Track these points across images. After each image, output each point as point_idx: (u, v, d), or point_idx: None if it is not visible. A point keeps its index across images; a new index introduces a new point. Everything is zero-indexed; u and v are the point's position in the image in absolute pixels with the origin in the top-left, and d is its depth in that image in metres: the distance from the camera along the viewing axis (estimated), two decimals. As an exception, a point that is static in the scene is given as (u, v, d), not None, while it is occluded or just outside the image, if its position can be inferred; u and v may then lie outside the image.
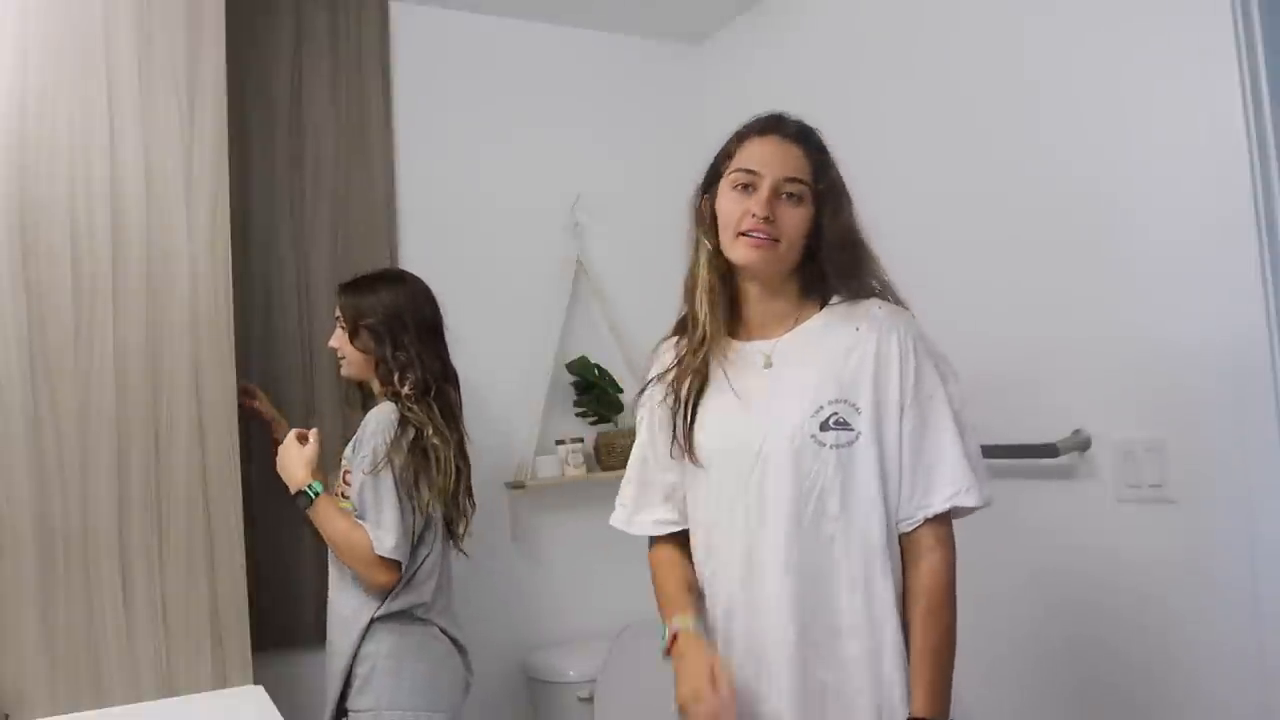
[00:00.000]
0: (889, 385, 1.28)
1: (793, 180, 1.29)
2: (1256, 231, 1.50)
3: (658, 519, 1.43)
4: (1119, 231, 1.71)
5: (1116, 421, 1.72)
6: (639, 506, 1.45)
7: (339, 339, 1.97)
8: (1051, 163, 1.84)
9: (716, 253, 1.34)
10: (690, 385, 1.36)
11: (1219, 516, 1.56)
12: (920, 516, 1.27)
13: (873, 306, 1.32)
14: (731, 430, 1.33)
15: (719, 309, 1.35)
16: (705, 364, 1.36)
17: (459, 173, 2.63)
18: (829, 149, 1.35)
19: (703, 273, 1.37)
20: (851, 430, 1.27)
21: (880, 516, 1.26)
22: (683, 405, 1.36)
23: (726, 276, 1.36)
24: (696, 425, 1.35)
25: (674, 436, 1.37)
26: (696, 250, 1.38)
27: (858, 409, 1.27)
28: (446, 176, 2.61)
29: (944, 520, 1.28)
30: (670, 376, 1.39)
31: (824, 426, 1.27)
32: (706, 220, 1.36)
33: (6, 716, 1.62)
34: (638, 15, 2.78)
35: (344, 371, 2.00)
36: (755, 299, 1.37)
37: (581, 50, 2.84)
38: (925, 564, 1.27)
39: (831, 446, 1.26)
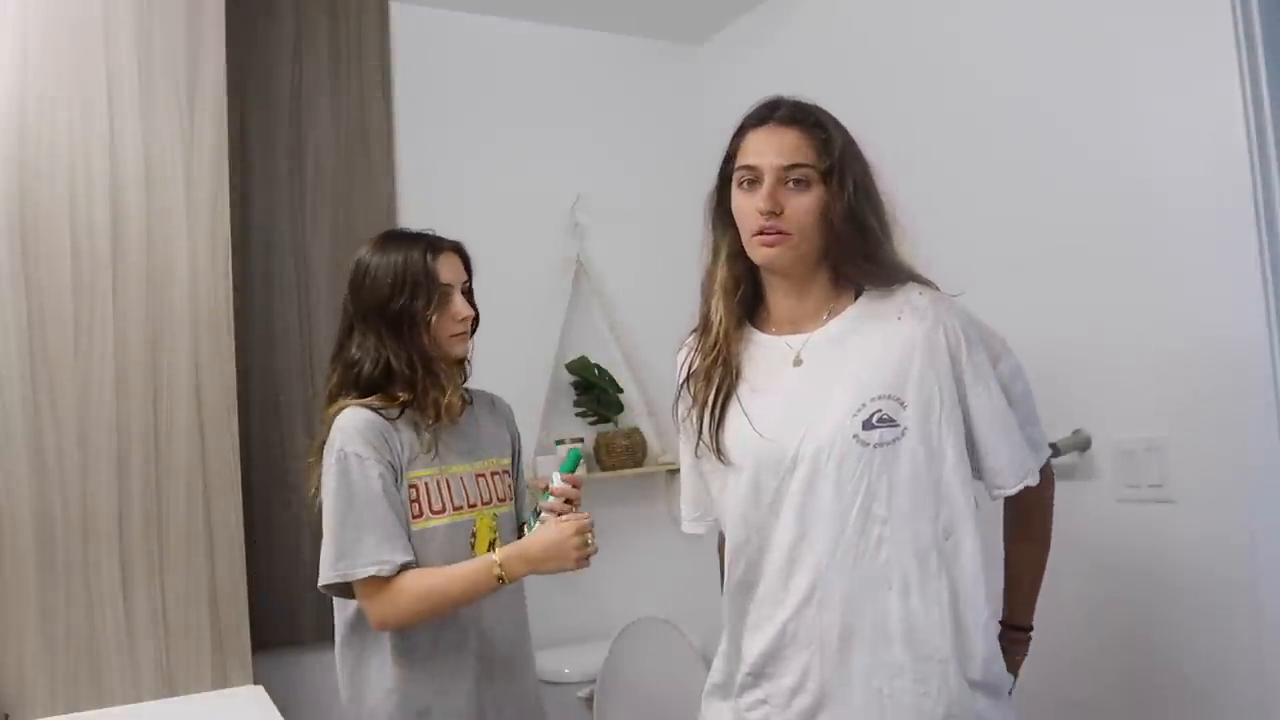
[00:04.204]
0: (942, 378, 1.22)
1: (793, 166, 1.23)
2: (1256, 231, 1.50)
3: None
4: (1118, 232, 1.71)
5: (1116, 421, 1.72)
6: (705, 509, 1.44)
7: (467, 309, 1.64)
8: (1051, 165, 1.84)
9: (736, 252, 1.32)
10: (712, 386, 1.32)
11: (1219, 516, 1.56)
12: (995, 494, 1.29)
13: (912, 293, 1.26)
14: (764, 430, 1.27)
15: (734, 307, 1.33)
16: (726, 363, 1.32)
17: (459, 173, 2.63)
18: (830, 124, 1.28)
19: (720, 272, 1.33)
20: (897, 426, 1.20)
21: (931, 513, 1.21)
22: (708, 406, 1.32)
23: (750, 272, 1.32)
24: (725, 425, 1.31)
25: (699, 435, 1.33)
26: (714, 251, 1.35)
27: (903, 404, 1.21)
28: (446, 176, 2.61)
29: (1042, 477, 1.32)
30: (690, 381, 1.36)
31: (867, 425, 1.21)
32: (723, 221, 1.33)
33: (6, 716, 1.62)
34: (638, 15, 2.78)
35: (467, 350, 1.66)
36: (783, 294, 1.32)
37: (581, 50, 2.84)
38: (1022, 497, 1.31)
39: (875, 446, 1.20)
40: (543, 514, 1.55)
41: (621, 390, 2.71)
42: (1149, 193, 1.66)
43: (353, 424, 1.50)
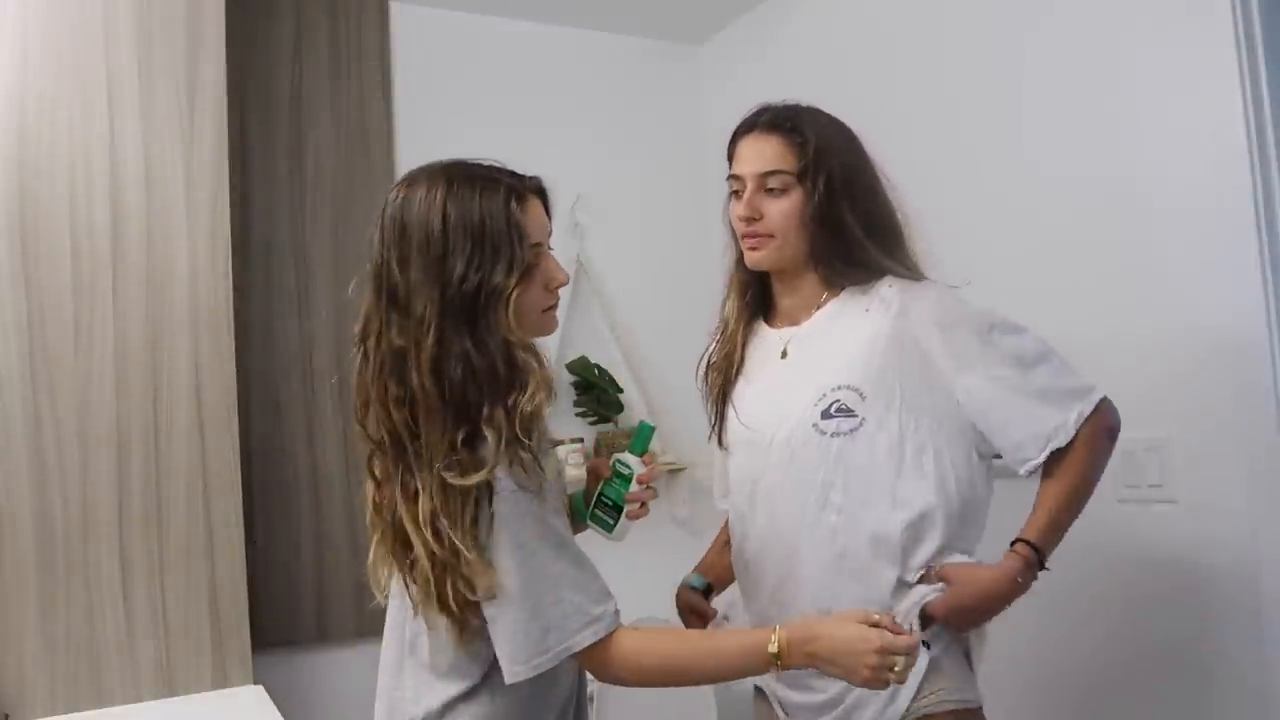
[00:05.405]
0: (906, 369, 1.24)
1: (770, 173, 1.29)
2: (1256, 231, 1.50)
3: None
4: (1119, 232, 1.71)
5: (1116, 421, 1.72)
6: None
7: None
8: (1051, 165, 1.84)
9: (741, 256, 1.39)
10: (721, 377, 1.42)
11: (1219, 516, 1.56)
12: (1024, 470, 1.25)
13: (883, 286, 1.29)
14: (749, 420, 1.36)
15: (744, 306, 1.42)
16: (732, 357, 1.41)
17: (459, 173, 2.63)
18: (809, 127, 1.31)
19: (736, 274, 1.42)
20: (854, 417, 1.24)
21: (889, 504, 1.23)
22: (716, 396, 1.42)
23: (760, 272, 1.40)
24: (726, 414, 1.41)
25: (710, 423, 1.44)
26: (732, 254, 1.43)
27: (862, 395, 1.24)
28: (446, 176, 2.61)
29: (1089, 419, 1.24)
30: (709, 372, 1.46)
31: (825, 415, 1.25)
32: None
33: (6, 716, 1.62)
34: (638, 15, 2.78)
35: (558, 325, 1.28)
36: (781, 291, 1.39)
37: (581, 50, 2.84)
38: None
39: (832, 435, 1.24)
40: (626, 508, 1.27)
41: (621, 390, 2.71)
42: (1149, 192, 1.66)
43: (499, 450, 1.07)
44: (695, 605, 1.44)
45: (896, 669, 1.04)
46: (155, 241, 1.80)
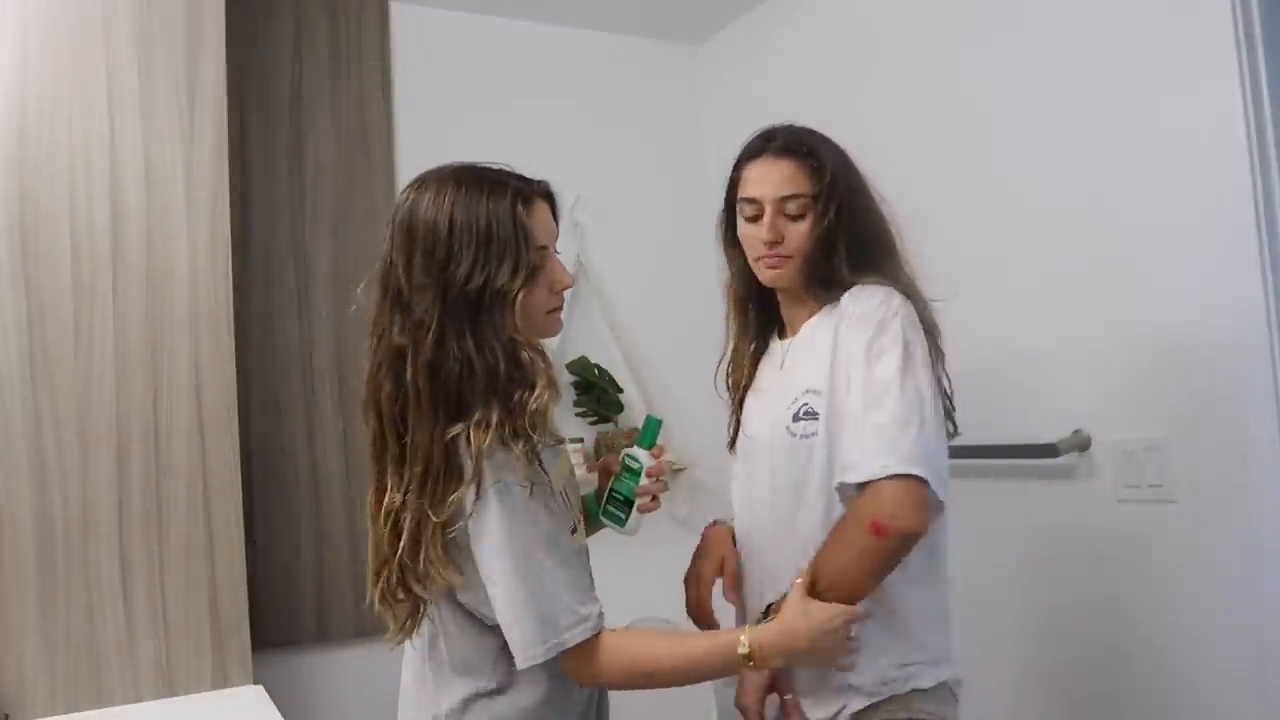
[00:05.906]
0: (838, 372, 1.28)
1: (788, 198, 1.33)
2: (1256, 231, 1.50)
3: None
4: (1119, 231, 1.71)
5: (1116, 421, 1.72)
6: None
7: None
8: (1051, 164, 1.84)
9: (744, 269, 1.42)
10: (737, 393, 1.49)
11: (1219, 516, 1.56)
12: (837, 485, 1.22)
13: (846, 295, 1.32)
14: (747, 428, 1.44)
15: (746, 320, 1.47)
16: (743, 373, 1.47)
17: (459, 173, 2.63)
18: (822, 151, 1.35)
19: (734, 288, 1.47)
20: (817, 419, 1.29)
21: (823, 509, 1.28)
22: (733, 408, 1.50)
23: (761, 285, 1.43)
24: (740, 425, 1.47)
25: (729, 433, 1.50)
26: (729, 269, 1.46)
27: (822, 398, 1.30)
28: (446, 176, 2.61)
29: (866, 492, 1.16)
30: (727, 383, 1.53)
31: (795, 418, 1.31)
32: (732, 242, 1.43)
33: (6, 716, 1.62)
34: (638, 15, 2.78)
35: (562, 327, 1.32)
36: (784, 304, 1.44)
37: (581, 50, 2.84)
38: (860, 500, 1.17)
39: (801, 437, 1.30)
40: (637, 502, 1.30)
41: (621, 390, 2.71)
42: (1148, 192, 1.66)
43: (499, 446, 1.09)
44: (706, 578, 1.46)
45: (853, 634, 1.13)
46: (155, 241, 1.80)
